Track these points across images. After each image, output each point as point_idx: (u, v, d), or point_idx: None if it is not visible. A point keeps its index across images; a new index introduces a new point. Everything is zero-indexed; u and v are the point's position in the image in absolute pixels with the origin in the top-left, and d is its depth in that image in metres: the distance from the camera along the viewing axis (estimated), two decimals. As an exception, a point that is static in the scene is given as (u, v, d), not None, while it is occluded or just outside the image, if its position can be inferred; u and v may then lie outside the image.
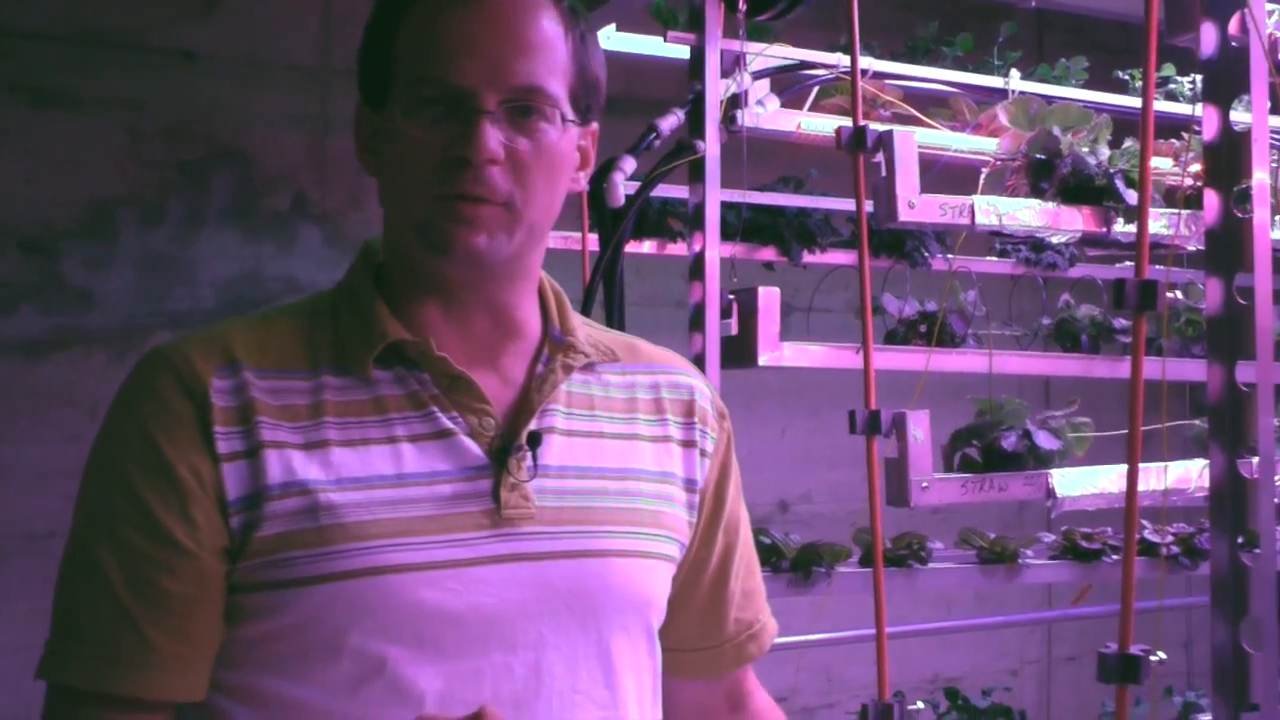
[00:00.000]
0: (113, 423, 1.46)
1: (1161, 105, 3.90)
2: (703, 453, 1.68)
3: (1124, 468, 2.42)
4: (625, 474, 1.58)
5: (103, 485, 1.43)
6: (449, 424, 1.48)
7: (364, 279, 1.55)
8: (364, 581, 1.38)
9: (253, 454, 1.41)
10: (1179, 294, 3.92)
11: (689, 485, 1.66)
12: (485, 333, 1.54)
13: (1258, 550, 2.74)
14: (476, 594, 1.42)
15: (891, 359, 3.37)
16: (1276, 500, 2.74)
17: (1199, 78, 3.07)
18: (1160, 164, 3.79)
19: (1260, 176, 2.72)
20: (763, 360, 3.19)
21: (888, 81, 3.72)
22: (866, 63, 3.54)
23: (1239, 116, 2.79)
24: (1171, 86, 4.18)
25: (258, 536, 1.39)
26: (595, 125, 1.60)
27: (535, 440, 1.50)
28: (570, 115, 1.51)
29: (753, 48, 3.35)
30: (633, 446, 1.61)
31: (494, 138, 1.43)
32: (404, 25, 1.48)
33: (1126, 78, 4.29)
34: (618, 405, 1.63)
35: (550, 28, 1.48)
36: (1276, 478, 2.73)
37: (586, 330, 1.65)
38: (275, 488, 1.40)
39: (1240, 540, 2.79)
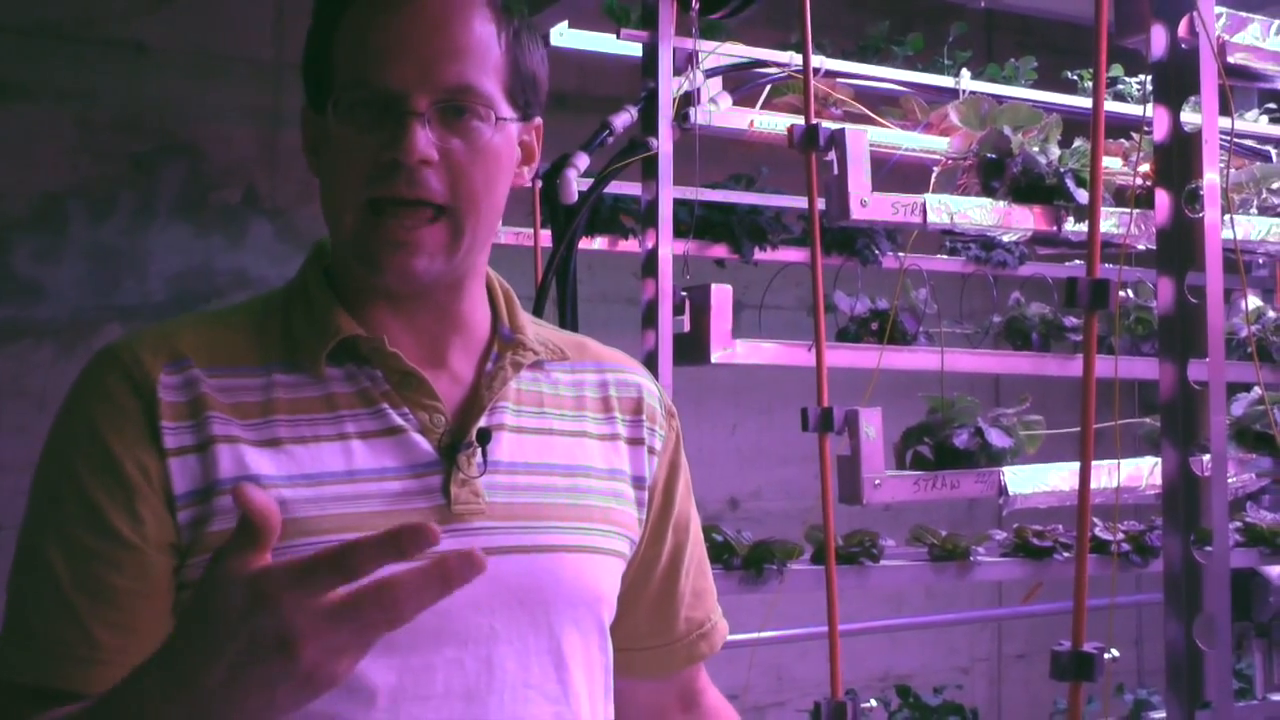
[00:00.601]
0: (62, 420, 1.46)
1: (1110, 105, 3.92)
2: (651, 450, 1.69)
3: (1075, 465, 2.43)
4: (574, 470, 1.59)
5: (51, 482, 1.43)
6: (400, 421, 1.49)
7: (315, 276, 1.55)
8: None
9: (203, 449, 1.41)
10: (1130, 292, 3.94)
11: (637, 482, 1.67)
12: (434, 331, 1.55)
13: (1209, 548, 2.76)
14: None
15: (844, 356, 3.38)
16: (1229, 498, 2.76)
17: (1147, 78, 3.09)
18: (1110, 163, 3.81)
19: (1210, 177, 2.74)
20: (715, 357, 3.19)
21: (839, 80, 3.73)
22: (818, 61, 3.55)
23: (1189, 117, 2.81)
24: (1120, 87, 4.20)
25: (209, 531, 1.39)
26: (539, 120, 1.60)
27: (485, 436, 1.50)
28: (506, 113, 1.51)
29: (705, 45, 3.35)
30: (581, 444, 1.62)
31: (425, 139, 1.43)
32: (340, 29, 1.49)
33: (1075, 78, 4.31)
34: (566, 403, 1.63)
35: (481, 26, 1.48)
36: (1229, 476, 2.75)
37: (535, 329, 1.65)
38: (227, 481, 1.40)
39: (1192, 538, 2.81)
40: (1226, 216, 2.82)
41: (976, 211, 3.38)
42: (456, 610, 1.43)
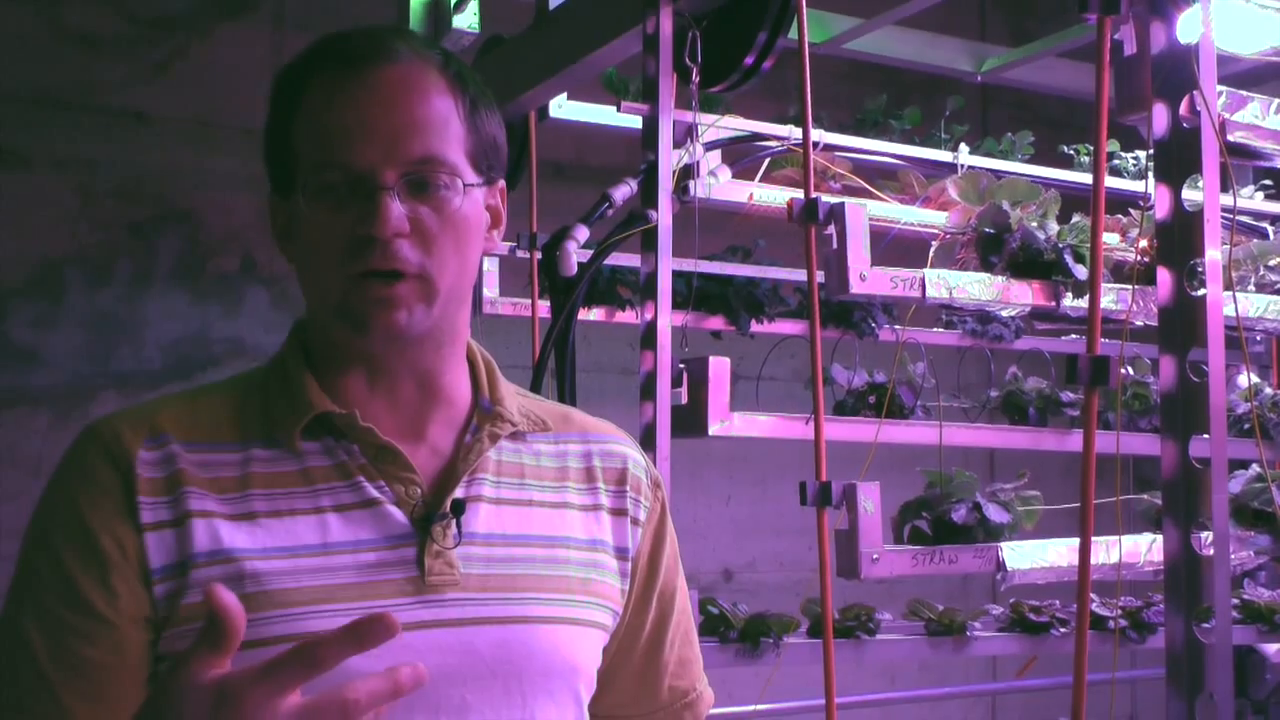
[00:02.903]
0: (46, 496, 1.48)
1: (1107, 181, 3.92)
2: (635, 521, 1.69)
3: (1074, 541, 2.42)
4: (554, 542, 1.59)
5: (31, 556, 1.45)
6: (375, 493, 1.50)
7: (293, 353, 1.57)
8: (287, 646, 1.38)
9: (179, 523, 1.43)
10: (1128, 369, 3.94)
11: (620, 553, 1.66)
12: (412, 402, 1.56)
13: (1208, 625, 2.75)
14: (399, 659, 1.42)
15: (842, 430, 3.37)
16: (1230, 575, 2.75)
17: (1142, 154, 3.08)
18: (1108, 239, 3.82)
19: (1212, 255, 2.74)
20: (713, 430, 3.18)
21: (838, 154, 3.74)
22: (817, 135, 3.56)
23: (1190, 195, 2.81)
24: (1116, 162, 4.22)
25: (184, 604, 1.40)
26: (502, 183, 1.62)
27: (459, 508, 1.51)
28: (471, 179, 1.52)
29: (705, 119, 3.36)
30: (562, 515, 1.62)
31: (396, 212, 1.45)
32: (299, 116, 1.51)
33: (1071, 153, 4.33)
34: (548, 474, 1.64)
35: (439, 98, 1.50)
36: (1232, 555, 2.73)
37: (519, 400, 1.66)
38: (201, 556, 1.41)
39: (1194, 616, 2.80)
40: (1228, 294, 2.82)
41: (975, 286, 3.38)
42: (429, 681, 1.44)
